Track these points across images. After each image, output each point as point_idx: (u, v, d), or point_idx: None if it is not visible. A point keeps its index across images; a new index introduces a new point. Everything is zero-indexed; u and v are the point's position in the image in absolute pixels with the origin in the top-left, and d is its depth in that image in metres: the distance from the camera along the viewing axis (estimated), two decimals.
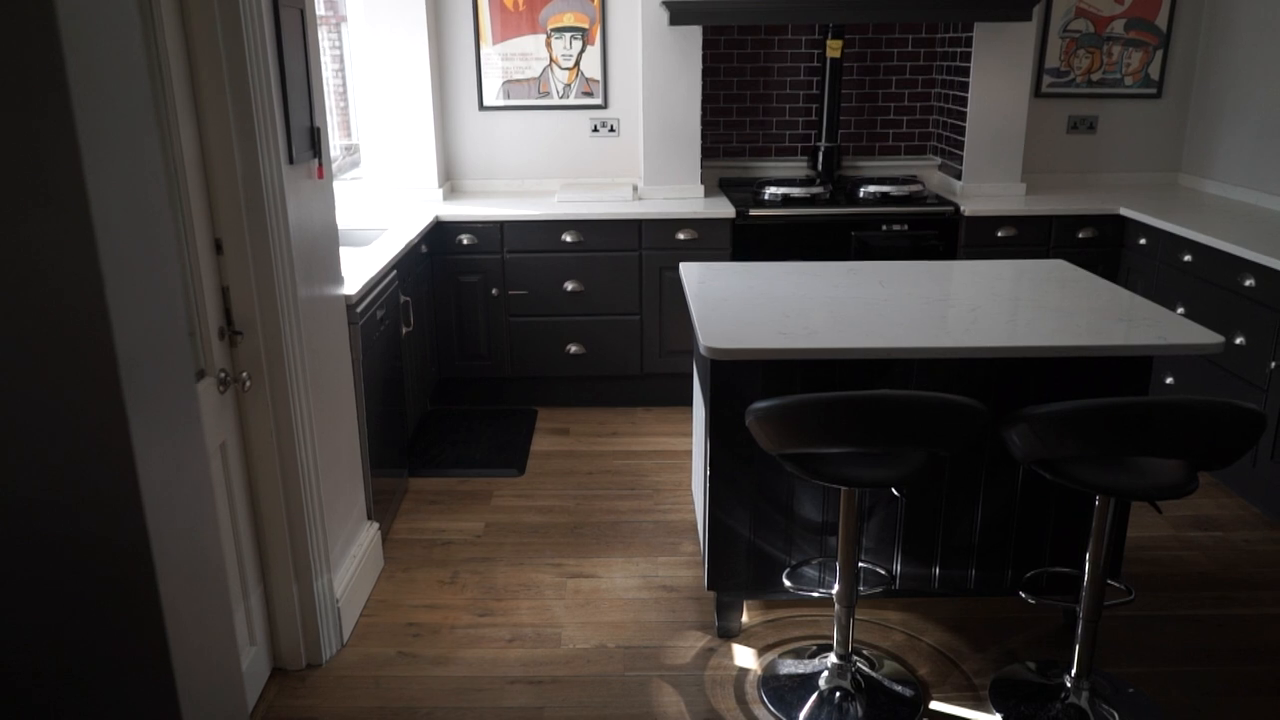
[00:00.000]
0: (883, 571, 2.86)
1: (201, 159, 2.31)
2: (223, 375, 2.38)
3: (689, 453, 4.09)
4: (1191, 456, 2.22)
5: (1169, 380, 4.04)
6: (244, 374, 2.44)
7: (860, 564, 2.83)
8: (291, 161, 2.55)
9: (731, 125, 4.96)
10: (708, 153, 4.92)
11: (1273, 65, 4.35)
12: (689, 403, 4.52)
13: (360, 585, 3.02)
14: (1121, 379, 2.66)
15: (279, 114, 2.46)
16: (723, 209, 4.40)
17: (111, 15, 1.25)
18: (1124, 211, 4.37)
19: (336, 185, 4.78)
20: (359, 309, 3.09)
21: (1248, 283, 3.53)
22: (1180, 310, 3.93)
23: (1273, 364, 3.39)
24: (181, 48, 2.21)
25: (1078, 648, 2.51)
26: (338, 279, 2.97)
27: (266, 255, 2.42)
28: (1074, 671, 2.53)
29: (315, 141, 2.74)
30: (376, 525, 3.24)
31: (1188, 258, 3.91)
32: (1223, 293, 3.68)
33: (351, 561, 2.99)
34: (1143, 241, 4.27)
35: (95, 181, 1.20)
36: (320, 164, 2.79)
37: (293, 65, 2.57)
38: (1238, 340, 3.58)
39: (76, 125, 1.18)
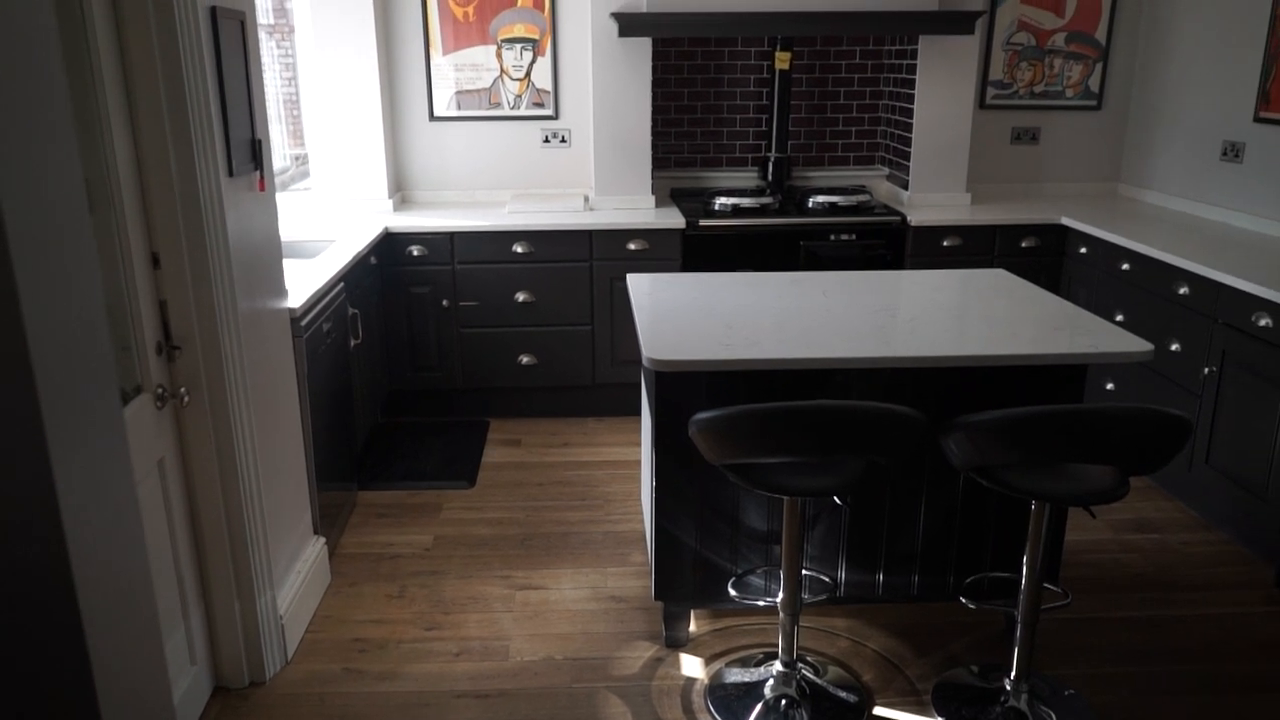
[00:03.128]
0: (827, 579, 2.88)
1: (137, 171, 2.28)
2: (160, 391, 2.34)
3: (639, 463, 4.10)
4: (1121, 462, 2.28)
5: (1109, 386, 4.13)
6: (182, 389, 2.41)
7: (805, 572, 2.86)
8: (231, 174, 2.53)
9: (683, 136, 4.99)
10: (659, 163, 4.95)
11: (1206, 79, 4.47)
12: (640, 413, 4.53)
13: (305, 601, 2.99)
14: (1057, 386, 2.72)
15: (218, 126, 2.44)
16: (673, 219, 4.42)
17: (18, 21, 1.23)
18: (1065, 221, 4.47)
19: (286, 196, 4.77)
20: (304, 322, 3.07)
21: (1182, 291, 3.62)
22: (1119, 318, 4.02)
23: (1206, 370, 3.48)
24: (115, 58, 2.19)
25: (1016, 651, 2.55)
26: (281, 292, 2.95)
27: (205, 269, 2.40)
28: (1013, 674, 2.57)
29: (257, 154, 2.72)
30: (323, 540, 3.21)
31: (1126, 266, 4.01)
32: (1159, 300, 3.77)
33: (296, 577, 2.96)
34: (1083, 250, 4.36)
35: (7, 193, 1.18)
36: (262, 176, 2.77)
37: (232, 77, 2.55)
38: (1174, 347, 3.67)
39: None
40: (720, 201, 4.58)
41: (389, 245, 4.33)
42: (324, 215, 4.59)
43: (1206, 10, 4.47)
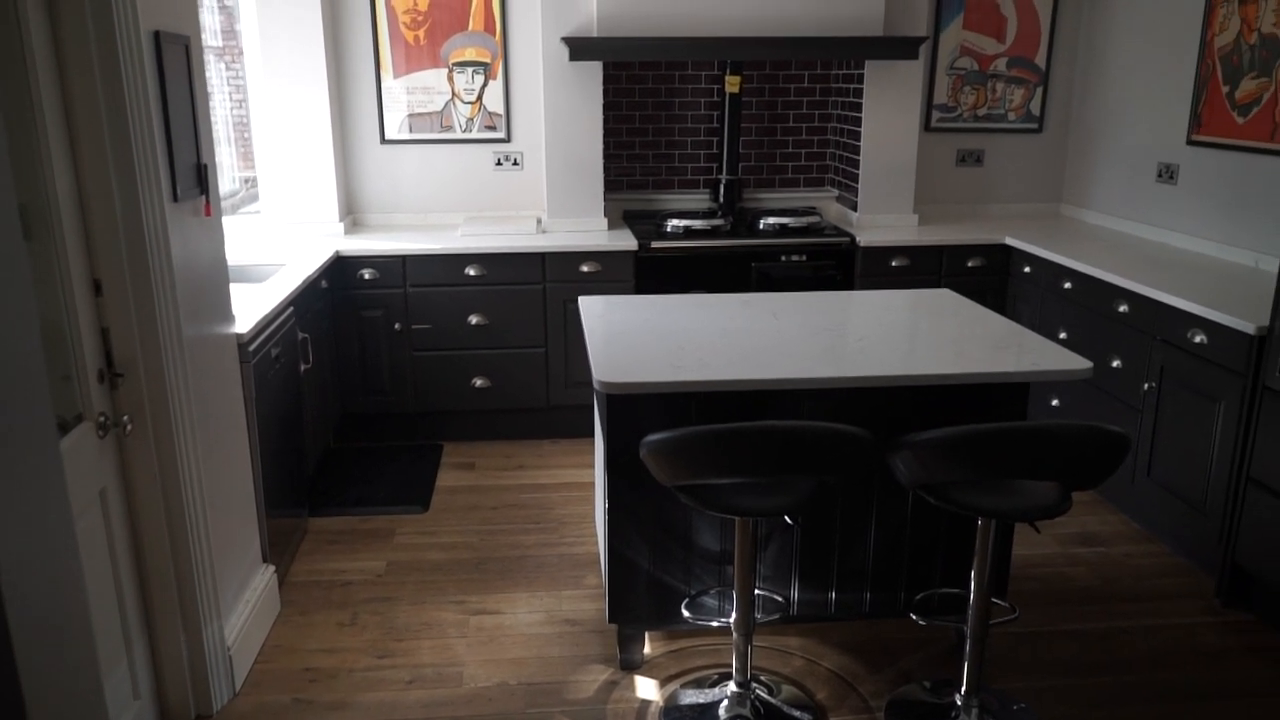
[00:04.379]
0: (780, 598, 2.90)
1: (78, 197, 2.25)
2: (102, 419, 2.30)
3: (594, 485, 4.10)
4: (1063, 478, 2.33)
5: (1055, 402, 4.21)
6: (125, 418, 2.37)
7: (758, 591, 2.87)
8: (176, 199, 2.50)
9: (635, 158, 5.03)
10: (612, 185, 4.98)
11: (1141, 104, 4.60)
12: (595, 434, 4.53)
13: (254, 631, 2.95)
14: (1002, 403, 2.77)
15: (162, 151, 2.42)
16: (626, 241, 4.45)
17: None
18: (1009, 241, 4.56)
19: (236, 220, 4.72)
20: (252, 347, 3.04)
21: (1122, 308, 3.72)
22: (1062, 335, 4.11)
23: (1146, 385, 3.57)
24: (55, 82, 2.16)
25: (966, 666, 2.58)
26: (228, 317, 2.91)
27: (149, 295, 2.36)
28: (963, 690, 2.61)
29: (202, 178, 2.69)
30: (273, 568, 3.17)
31: (1068, 285, 4.10)
32: (1100, 318, 3.87)
33: (245, 607, 2.92)
34: (1027, 270, 4.45)
35: None
36: (208, 201, 2.74)
37: (177, 101, 2.53)
38: (1115, 363, 3.76)
39: None
40: (672, 223, 4.61)
41: (340, 269, 4.30)
42: (274, 239, 4.55)
43: (1140, 38, 4.61)
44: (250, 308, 3.19)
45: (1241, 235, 3.96)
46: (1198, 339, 3.30)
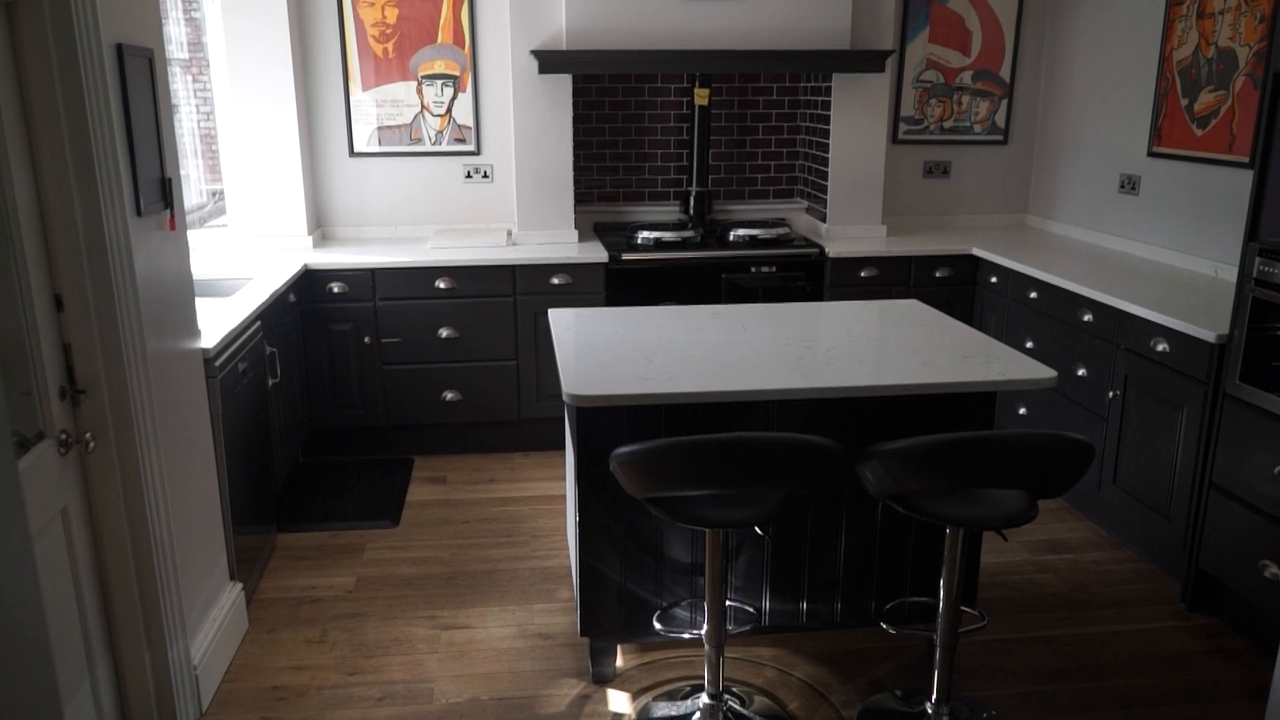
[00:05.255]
0: (752, 609, 2.91)
1: (39, 212, 2.22)
2: (64, 437, 2.27)
3: (566, 498, 4.09)
4: (1029, 486, 2.35)
5: (1022, 411, 4.26)
6: (88, 435, 2.34)
7: (730, 602, 2.87)
8: (140, 213, 2.48)
9: (605, 170, 5.04)
10: (582, 198, 4.98)
11: (1104, 116, 4.68)
12: (566, 447, 4.52)
13: (221, 649, 2.91)
14: (969, 412, 2.80)
15: (124, 165, 2.39)
16: (596, 254, 4.45)
17: None
18: (976, 251, 4.61)
19: (202, 233, 4.68)
20: (218, 362, 3.01)
21: (1086, 318, 3.76)
22: (1029, 345, 4.15)
23: (1111, 393, 3.62)
24: (14, 96, 2.13)
25: (936, 675, 2.60)
26: (193, 332, 2.88)
27: (111, 310, 2.34)
28: (934, 698, 2.62)
29: (167, 192, 2.67)
30: (240, 585, 3.13)
31: (1034, 295, 4.15)
32: (1065, 327, 3.92)
33: (212, 625, 2.88)
34: (994, 280, 4.50)
35: None
36: (173, 215, 2.72)
37: (140, 114, 2.50)
38: (1080, 372, 3.80)
39: None
40: (643, 235, 4.62)
41: (309, 282, 4.27)
42: (242, 252, 4.51)
43: (1102, 51, 4.69)
44: (217, 322, 3.16)
45: (1201, 245, 4.03)
46: (1160, 347, 3.35)
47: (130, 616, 2.51)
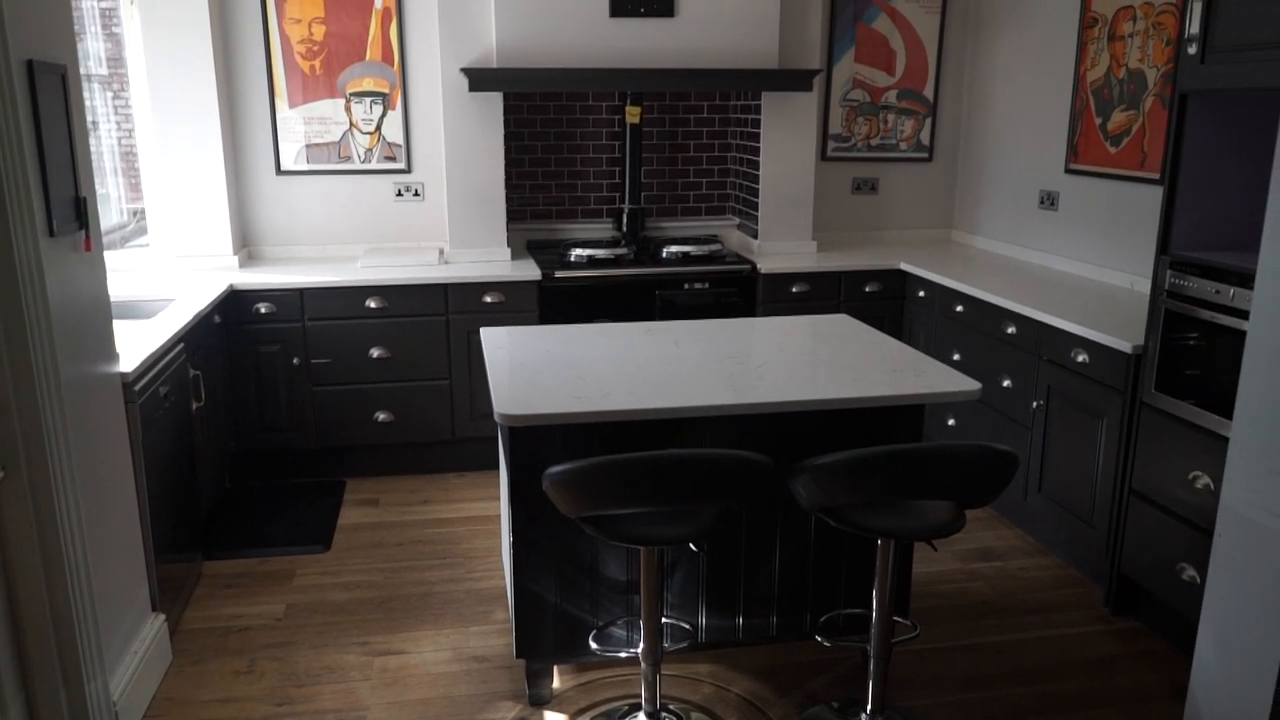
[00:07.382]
0: (688, 625, 2.91)
1: None
2: None
3: (501, 517, 4.05)
4: (956, 496, 2.39)
5: (951, 422, 4.34)
6: None
7: (666, 620, 2.87)
8: (53, 234, 2.40)
9: (538, 188, 5.03)
10: (515, 215, 4.96)
11: (1023, 134, 4.82)
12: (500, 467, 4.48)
13: (143, 684, 2.81)
14: (898, 425, 2.84)
15: (36, 184, 2.32)
16: (529, 271, 4.43)
17: None
18: (904, 266, 4.71)
19: (123, 254, 4.55)
20: (138, 386, 2.92)
21: (1010, 330, 3.86)
22: (956, 357, 4.24)
23: (1035, 404, 3.71)
24: None
25: (871, 685, 2.62)
26: (111, 356, 2.80)
27: (22, 335, 2.26)
28: (869, 708, 2.64)
29: (81, 212, 2.59)
30: (163, 616, 3.03)
31: (960, 308, 4.24)
32: (991, 340, 4.01)
33: (133, 658, 2.78)
34: (922, 294, 4.60)
35: None
36: (88, 235, 2.64)
37: (53, 133, 2.43)
38: (1005, 383, 3.89)
39: None
40: (576, 253, 4.62)
41: (234, 303, 4.18)
42: (164, 273, 4.40)
43: (1020, 72, 4.83)
44: (137, 345, 3.07)
45: (1117, 258, 4.17)
46: (1080, 358, 3.45)
47: (44, 653, 2.42)
